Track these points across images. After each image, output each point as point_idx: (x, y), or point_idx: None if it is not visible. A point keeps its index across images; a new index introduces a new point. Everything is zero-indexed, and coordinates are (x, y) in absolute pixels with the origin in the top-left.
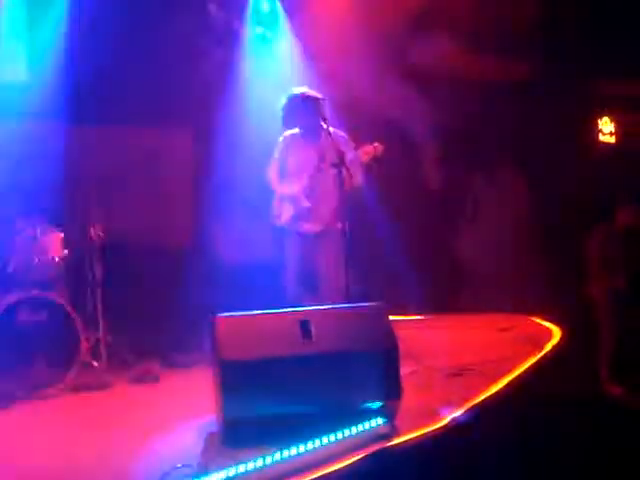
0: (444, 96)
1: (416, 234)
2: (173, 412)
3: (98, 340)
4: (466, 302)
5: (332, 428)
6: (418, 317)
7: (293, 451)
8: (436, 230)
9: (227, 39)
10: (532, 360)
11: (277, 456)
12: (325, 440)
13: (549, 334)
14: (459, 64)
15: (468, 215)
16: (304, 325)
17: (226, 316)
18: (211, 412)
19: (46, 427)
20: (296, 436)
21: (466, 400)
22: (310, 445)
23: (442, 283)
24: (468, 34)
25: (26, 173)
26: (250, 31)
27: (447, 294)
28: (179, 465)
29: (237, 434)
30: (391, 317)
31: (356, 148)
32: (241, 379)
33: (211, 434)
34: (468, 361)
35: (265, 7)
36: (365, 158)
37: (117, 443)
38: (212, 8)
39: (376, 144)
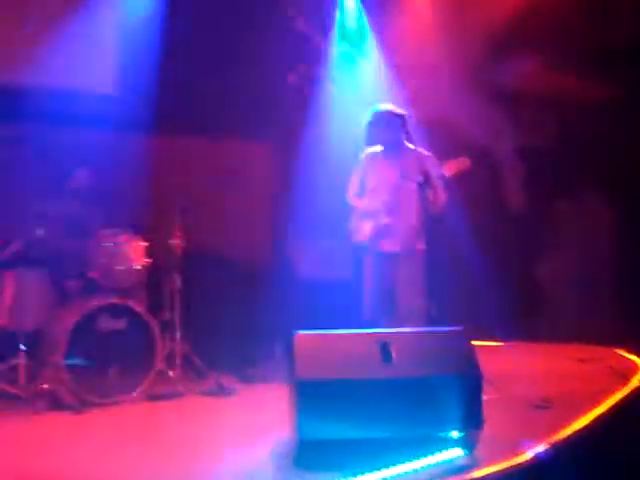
0: (526, 116)
1: (497, 257)
2: (245, 428)
3: (174, 350)
4: (546, 330)
5: (409, 456)
6: (497, 343)
7: (367, 478)
8: (518, 254)
9: (312, 55)
10: (618, 395)
11: None
12: (401, 469)
13: (635, 367)
14: (541, 84)
15: (549, 239)
16: (384, 347)
17: (305, 333)
18: (285, 431)
19: (116, 434)
20: (371, 463)
21: (549, 434)
22: (385, 473)
23: (522, 309)
24: (551, 54)
25: (112, 183)
26: (336, 48)
27: (527, 320)
28: None
29: (310, 456)
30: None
31: (442, 164)
32: (316, 399)
33: (284, 454)
34: (550, 392)
35: (352, 24)
36: (450, 172)
37: (184, 456)
38: (298, 24)
39: (462, 159)
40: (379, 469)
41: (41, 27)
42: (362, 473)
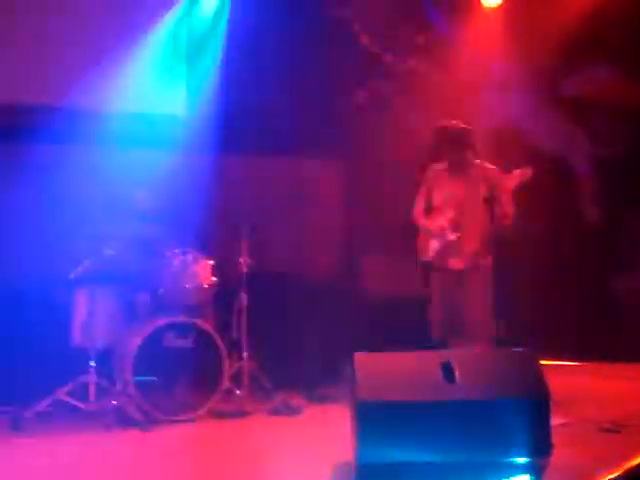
0: (601, 127)
1: (571, 273)
2: (307, 449)
3: (241, 368)
4: (621, 349)
5: None
6: (569, 363)
7: None
8: (593, 269)
9: (379, 71)
10: None
11: None
12: None
13: None
14: (616, 93)
15: (627, 253)
16: (447, 368)
17: (365, 354)
18: (348, 454)
19: (180, 451)
20: None
21: (624, 461)
22: None
23: (596, 327)
24: (625, 63)
25: (180, 203)
26: (402, 63)
27: (604, 338)
28: None
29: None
30: (541, 362)
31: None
32: (377, 422)
33: (345, 477)
34: (624, 415)
35: (419, 40)
36: (512, 185)
37: (244, 476)
38: (364, 40)
39: (522, 170)
40: None
41: (110, 51)
42: None
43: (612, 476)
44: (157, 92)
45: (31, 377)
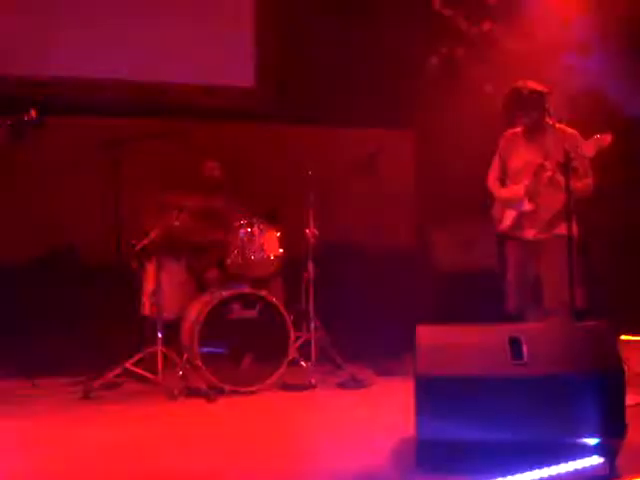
0: None
1: None
2: (373, 422)
3: (309, 340)
4: None
5: (540, 462)
6: None
7: None
8: None
9: (452, 36)
10: None
11: None
12: (531, 476)
13: None
14: None
15: None
16: (514, 343)
17: (428, 327)
18: (411, 429)
19: (245, 423)
20: (497, 468)
21: None
22: None
23: None
24: None
25: (248, 174)
26: (477, 27)
27: None
28: None
29: (432, 457)
30: (623, 337)
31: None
32: (438, 397)
33: (407, 454)
34: None
35: (493, 2)
36: (590, 152)
37: (306, 447)
38: (437, 4)
39: (602, 135)
40: (506, 475)
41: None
42: (487, 478)
43: None
44: (225, 64)
45: (101, 347)
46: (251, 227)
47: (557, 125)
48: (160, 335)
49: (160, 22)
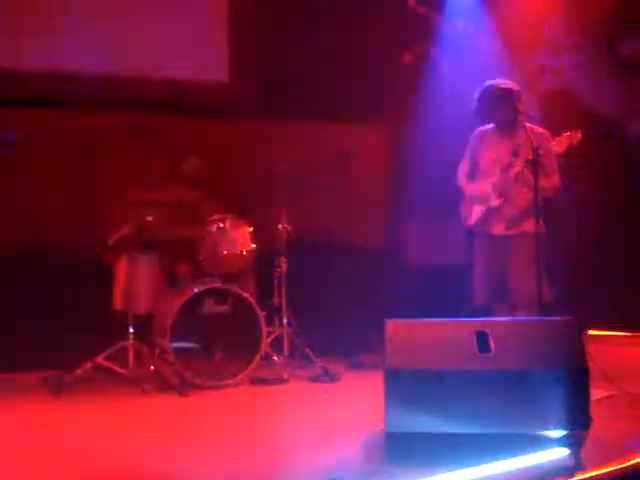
0: None
1: (620, 241)
2: (344, 416)
3: (281, 335)
4: None
5: (506, 455)
6: (620, 333)
7: (459, 476)
8: None
9: (426, 34)
10: None
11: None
12: (497, 468)
13: None
14: None
15: None
16: (481, 337)
17: (398, 321)
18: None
19: (217, 418)
20: (464, 460)
21: None
22: (479, 472)
23: None
24: None
25: (223, 169)
26: (450, 25)
27: None
28: (333, 477)
29: (401, 450)
30: (589, 332)
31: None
32: (407, 390)
33: (376, 447)
34: None
35: (467, 1)
36: (560, 149)
37: (276, 441)
38: (412, 2)
39: (571, 132)
40: (473, 467)
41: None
42: (454, 470)
43: None
44: (199, 57)
45: (72, 342)
46: (223, 222)
47: (527, 124)
48: (132, 330)
49: (132, 15)
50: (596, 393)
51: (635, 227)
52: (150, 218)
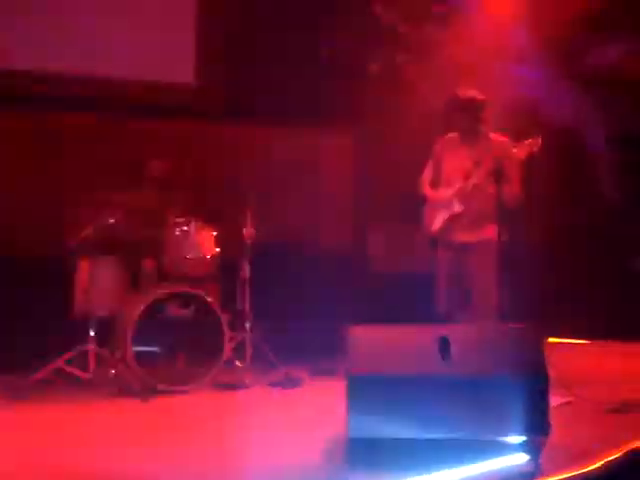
0: (619, 103)
1: (582, 249)
2: (306, 421)
3: (243, 340)
4: (635, 328)
5: (466, 460)
6: (580, 341)
7: None
8: (605, 246)
9: (392, 40)
10: None
11: None
12: (457, 473)
13: None
14: (637, 69)
15: None
16: (443, 343)
17: (361, 327)
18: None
19: (178, 422)
20: (426, 465)
21: (625, 442)
22: (440, 477)
23: (610, 305)
24: None
25: (187, 172)
26: (416, 32)
27: (615, 317)
28: None
29: (362, 455)
30: (550, 340)
31: (516, 146)
32: (368, 395)
33: (337, 452)
34: (632, 396)
35: (434, 8)
36: (522, 154)
37: (236, 445)
38: (377, 9)
39: (532, 139)
40: (434, 473)
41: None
42: (415, 475)
43: (611, 457)
44: (166, 59)
45: (32, 345)
46: (187, 225)
47: (490, 133)
48: (92, 333)
49: (100, 16)
50: (555, 400)
51: (596, 237)
52: (112, 220)
